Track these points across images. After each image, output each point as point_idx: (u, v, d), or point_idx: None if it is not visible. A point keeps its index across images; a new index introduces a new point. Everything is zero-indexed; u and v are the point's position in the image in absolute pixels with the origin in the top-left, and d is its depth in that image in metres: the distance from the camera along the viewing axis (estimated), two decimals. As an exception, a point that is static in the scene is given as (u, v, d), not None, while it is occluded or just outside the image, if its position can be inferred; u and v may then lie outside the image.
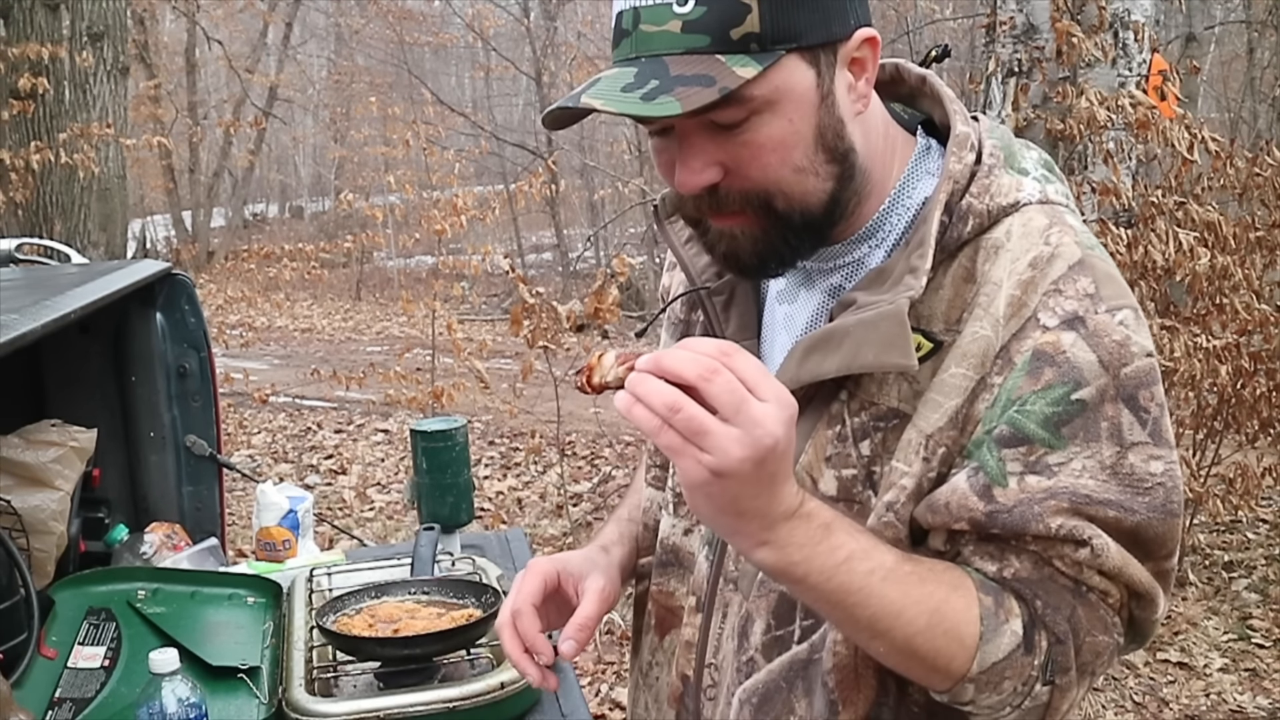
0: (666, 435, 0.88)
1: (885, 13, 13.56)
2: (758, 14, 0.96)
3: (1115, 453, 0.98)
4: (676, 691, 1.22)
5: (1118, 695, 3.81)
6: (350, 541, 4.49)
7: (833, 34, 1.00)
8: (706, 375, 0.87)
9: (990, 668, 0.99)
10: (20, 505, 1.95)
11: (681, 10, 0.97)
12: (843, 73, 1.02)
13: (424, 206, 8.01)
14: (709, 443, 0.87)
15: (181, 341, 2.53)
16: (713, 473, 0.88)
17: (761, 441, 0.87)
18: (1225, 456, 4.77)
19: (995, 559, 1.01)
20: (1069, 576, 0.99)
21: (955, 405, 1.01)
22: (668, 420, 0.87)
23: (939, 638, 0.98)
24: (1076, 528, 0.97)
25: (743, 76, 0.96)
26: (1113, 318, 0.99)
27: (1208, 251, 4.05)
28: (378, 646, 1.67)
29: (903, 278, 1.02)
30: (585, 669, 4.03)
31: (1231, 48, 13.42)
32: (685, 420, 0.87)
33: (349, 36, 19.98)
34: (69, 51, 7.58)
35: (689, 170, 1.02)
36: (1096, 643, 1.01)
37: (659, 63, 0.97)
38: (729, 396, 0.87)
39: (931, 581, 0.99)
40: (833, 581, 0.95)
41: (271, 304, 13.45)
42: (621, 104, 0.96)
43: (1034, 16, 4.31)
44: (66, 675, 1.69)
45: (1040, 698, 1.01)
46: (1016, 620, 0.99)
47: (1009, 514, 0.98)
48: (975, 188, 1.05)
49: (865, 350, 1.01)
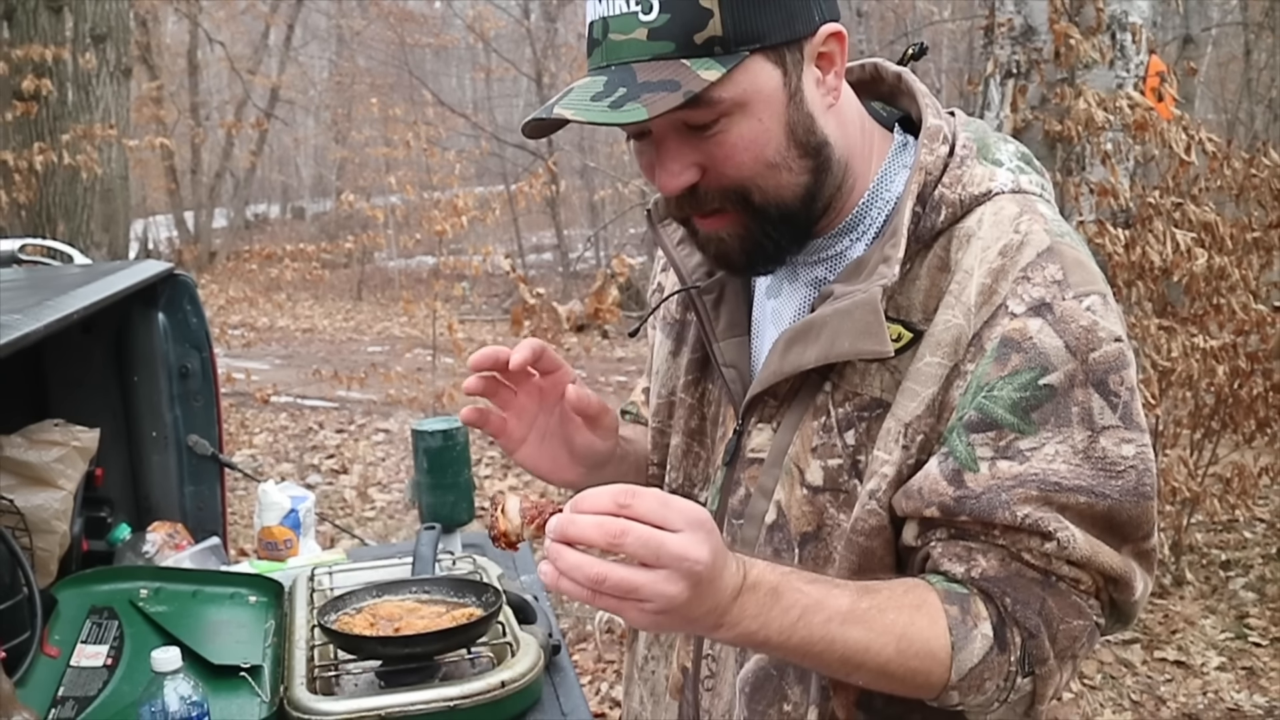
0: (602, 600, 0.90)
1: (884, 14, 13.56)
2: (719, 18, 0.99)
3: (1087, 437, 0.99)
4: (678, 683, 1.24)
5: (1115, 693, 3.82)
6: (351, 541, 4.49)
7: (796, 32, 1.03)
8: (615, 538, 0.89)
9: (968, 673, 1.01)
10: (23, 504, 1.96)
11: (647, 18, 0.99)
12: (810, 68, 1.05)
13: (425, 207, 8.02)
14: (644, 594, 0.90)
15: (183, 341, 2.53)
16: (657, 613, 0.91)
17: (692, 570, 0.90)
18: (1222, 456, 4.78)
19: (963, 560, 1.03)
20: (1037, 569, 1.01)
21: (931, 394, 1.03)
22: (598, 590, 0.90)
23: (911, 660, 1.00)
24: (1042, 519, 0.99)
25: (706, 80, 0.98)
26: (1080, 303, 1.00)
27: (1205, 252, 4.05)
28: (379, 645, 1.67)
29: (877, 267, 1.05)
30: (585, 668, 4.04)
31: (1228, 49, 13.41)
32: (614, 586, 0.89)
33: (350, 38, 19.97)
34: (72, 53, 7.59)
35: (668, 173, 1.05)
36: (1071, 628, 1.03)
37: (627, 70, 1.00)
38: (644, 549, 0.89)
39: (892, 610, 1.00)
40: (794, 639, 0.98)
41: (273, 304, 13.46)
42: (590, 113, 0.99)
43: (1032, 18, 4.32)
44: (69, 674, 1.69)
45: (1024, 688, 1.04)
46: (986, 624, 1.01)
47: (976, 500, 1.00)
48: (947, 178, 1.07)
49: (841, 339, 1.03)
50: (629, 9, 1.00)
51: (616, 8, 1.01)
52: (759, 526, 1.14)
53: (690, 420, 1.25)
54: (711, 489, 1.21)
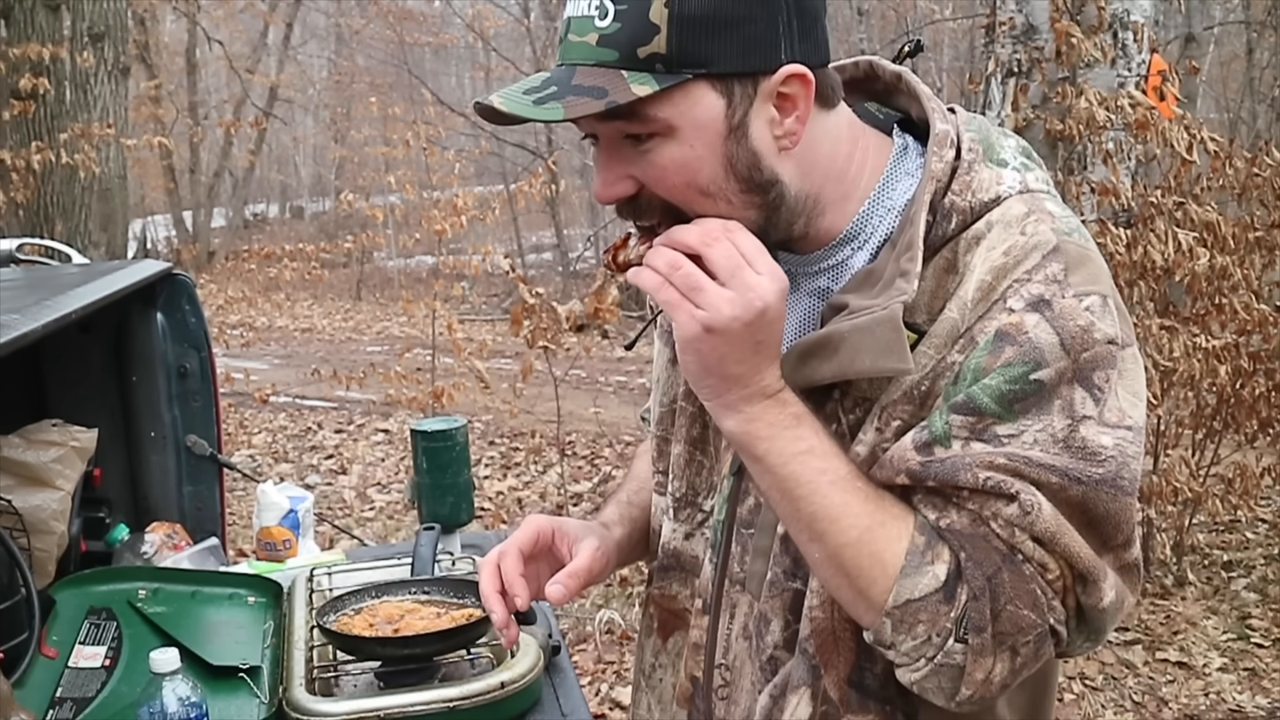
0: (666, 291, 0.98)
1: (885, 13, 13.58)
2: (665, 36, 0.99)
3: (1066, 425, 0.99)
4: (686, 692, 1.24)
5: (1117, 695, 3.81)
6: (350, 541, 4.48)
7: (752, 65, 1.01)
8: (708, 241, 0.99)
9: (905, 604, 1.00)
10: (21, 505, 1.96)
11: (601, 24, 1.00)
12: (763, 106, 1.03)
13: (424, 207, 8.02)
14: (703, 299, 0.97)
15: (182, 341, 2.53)
16: (704, 328, 0.98)
17: (752, 304, 0.97)
18: (1224, 456, 4.77)
19: (937, 509, 1.02)
20: (1003, 539, 0.99)
21: (913, 379, 1.03)
22: (668, 278, 0.98)
23: (864, 557, 1.01)
24: (1005, 482, 0.98)
25: (636, 93, 0.98)
26: (1079, 302, 1.00)
27: (1207, 251, 4.05)
28: (378, 646, 1.67)
29: (894, 281, 1.03)
30: (585, 669, 4.03)
31: (1230, 48, 13.43)
32: (683, 277, 0.98)
33: (349, 37, 19.99)
34: (70, 52, 7.59)
35: (603, 181, 1.06)
36: (1019, 615, 1.00)
37: (569, 70, 1.01)
38: (726, 261, 0.98)
39: (874, 503, 1.02)
40: (787, 468, 1.02)
41: (272, 304, 13.47)
42: (513, 104, 1.01)
43: (1033, 17, 4.31)
44: (67, 675, 1.69)
45: (953, 655, 1.00)
46: (942, 566, 1.00)
47: (941, 464, 1.00)
48: (957, 184, 1.06)
49: (862, 356, 1.02)
50: (589, 12, 1.01)
51: (581, 9, 1.02)
52: (771, 536, 1.13)
53: (692, 429, 1.24)
54: (719, 498, 1.19)
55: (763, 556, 1.14)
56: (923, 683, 1.03)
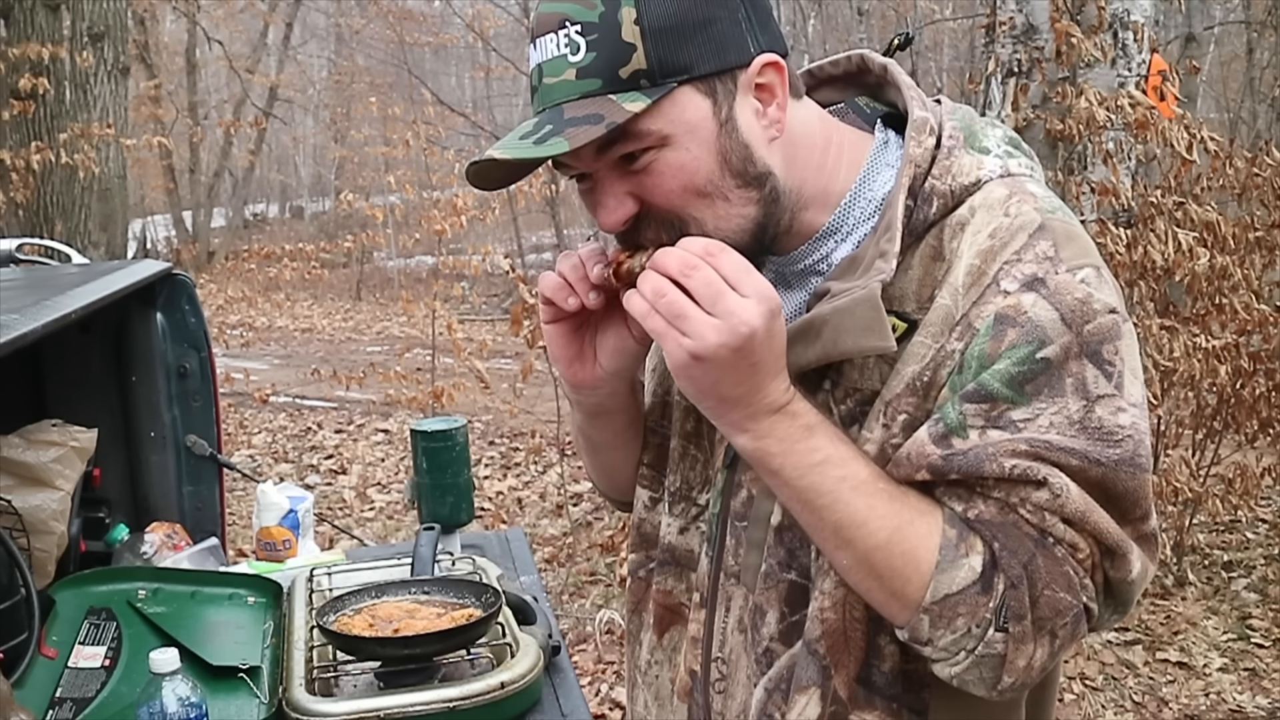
0: (653, 320, 0.98)
1: (885, 13, 13.58)
2: (642, 52, 1.00)
3: (1082, 406, 0.99)
4: (686, 686, 1.24)
5: (1117, 695, 3.81)
6: (350, 541, 4.49)
7: (727, 62, 1.03)
8: (685, 271, 0.97)
9: (943, 599, 1.00)
10: (21, 505, 1.96)
11: (575, 59, 1.01)
12: (746, 99, 1.05)
13: (424, 206, 8.01)
14: (688, 327, 0.97)
15: (182, 341, 2.53)
16: (691, 355, 0.97)
17: (737, 330, 0.96)
18: (1224, 456, 4.78)
19: (963, 500, 1.02)
20: (1033, 524, 1.00)
21: (914, 371, 1.03)
22: (654, 305, 0.98)
23: (896, 557, 1.01)
24: (1031, 468, 0.98)
25: (630, 111, 0.99)
26: (1074, 276, 1.00)
27: (1207, 251, 4.05)
28: (378, 646, 1.66)
29: (873, 262, 1.04)
30: (585, 669, 4.03)
31: (1231, 48, 13.43)
32: (668, 305, 0.97)
33: (349, 37, 20.01)
34: (69, 52, 7.60)
35: (605, 209, 1.06)
36: (1056, 599, 1.00)
37: (558, 110, 1.02)
38: (706, 290, 0.97)
39: (900, 501, 1.02)
40: (805, 480, 1.02)
41: (272, 304, 13.47)
42: (516, 150, 1.01)
43: (1033, 17, 4.31)
44: (67, 675, 1.69)
45: (994, 645, 1.00)
46: (977, 557, 1.00)
47: (964, 457, 1.00)
48: (936, 169, 1.07)
49: (844, 337, 1.03)
50: (559, 52, 1.02)
51: (548, 52, 1.03)
52: (765, 528, 1.14)
53: (685, 423, 1.24)
54: (713, 491, 1.20)
55: (757, 549, 1.14)
56: (963, 675, 1.03)
